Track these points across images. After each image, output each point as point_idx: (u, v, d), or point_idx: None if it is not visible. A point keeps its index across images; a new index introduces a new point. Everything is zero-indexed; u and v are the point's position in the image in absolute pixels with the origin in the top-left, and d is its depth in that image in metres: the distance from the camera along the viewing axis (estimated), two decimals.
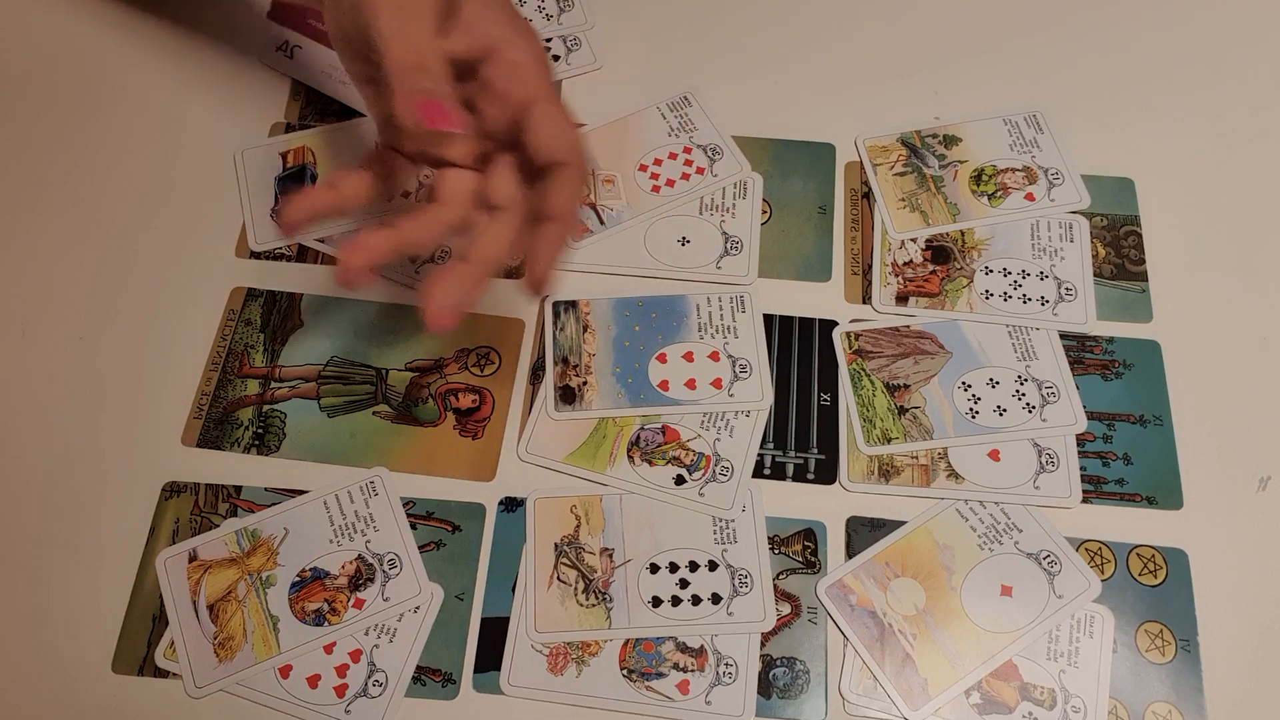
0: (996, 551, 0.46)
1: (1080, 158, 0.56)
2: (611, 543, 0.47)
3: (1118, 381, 0.50)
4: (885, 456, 0.49)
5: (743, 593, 0.46)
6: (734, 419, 0.49)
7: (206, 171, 0.56)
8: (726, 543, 0.47)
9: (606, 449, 0.49)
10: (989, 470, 0.48)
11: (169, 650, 0.45)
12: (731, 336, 0.51)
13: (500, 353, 0.51)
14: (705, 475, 0.48)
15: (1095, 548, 0.47)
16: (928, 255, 0.54)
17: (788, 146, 0.57)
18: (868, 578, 0.46)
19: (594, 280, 0.53)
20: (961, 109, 0.58)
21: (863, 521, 0.47)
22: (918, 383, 0.50)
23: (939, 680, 0.44)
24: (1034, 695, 0.44)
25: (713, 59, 0.60)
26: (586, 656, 0.45)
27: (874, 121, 0.58)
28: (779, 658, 0.45)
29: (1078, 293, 0.52)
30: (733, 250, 0.54)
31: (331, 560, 0.46)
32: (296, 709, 0.44)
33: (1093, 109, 0.58)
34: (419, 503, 0.48)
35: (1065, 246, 0.54)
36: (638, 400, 0.50)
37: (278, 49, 0.60)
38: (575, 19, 0.61)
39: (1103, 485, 0.48)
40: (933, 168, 0.56)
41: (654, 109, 0.58)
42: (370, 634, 0.45)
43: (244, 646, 0.45)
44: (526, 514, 0.47)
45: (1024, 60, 0.60)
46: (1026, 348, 0.51)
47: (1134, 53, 0.60)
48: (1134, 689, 0.44)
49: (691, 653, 0.45)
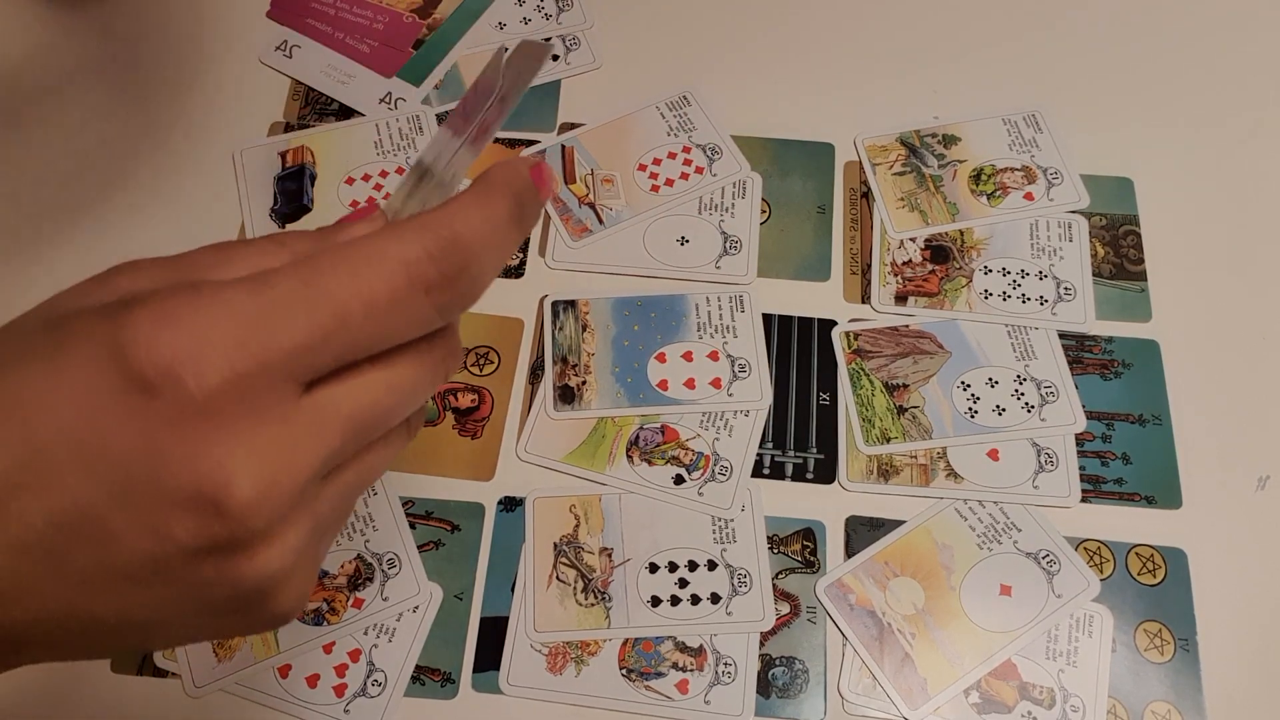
0: (995, 551, 0.46)
1: (1079, 157, 0.56)
2: (611, 542, 0.47)
3: (1117, 381, 0.50)
4: (884, 456, 0.49)
5: (742, 592, 0.46)
6: (733, 418, 0.49)
7: (206, 171, 0.56)
8: (726, 542, 0.47)
9: (605, 448, 0.49)
10: (988, 470, 0.48)
11: (168, 650, 0.45)
12: (730, 336, 0.51)
13: (499, 352, 0.51)
14: (704, 475, 0.48)
15: (1094, 547, 0.47)
16: (927, 255, 0.54)
17: (787, 146, 0.57)
18: (867, 577, 0.46)
19: (593, 280, 0.53)
20: (960, 108, 0.58)
21: (862, 521, 0.47)
22: (917, 382, 0.50)
23: (938, 679, 0.44)
24: (1033, 694, 0.44)
25: (712, 59, 0.60)
26: (586, 656, 0.45)
27: (873, 121, 0.58)
28: (778, 657, 0.45)
29: (1077, 292, 0.52)
30: (732, 250, 0.54)
31: (330, 560, 0.46)
32: (296, 708, 0.44)
33: (1092, 109, 0.58)
34: (418, 502, 0.48)
35: (1064, 246, 0.54)
36: (637, 400, 0.50)
37: (277, 49, 0.60)
38: (574, 18, 0.61)
39: (1102, 485, 0.48)
40: (932, 167, 0.56)
41: (653, 108, 0.58)
42: (369, 633, 0.45)
43: (243, 646, 0.45)
44: (526, 513, 0.47)
45: (1023, 60, 0.60)
46: (1025, 347, 0.51)
47: (1133, 52, 0.60)
48: (1133, 688, 0.44)
49: (691, 652, 0.45)
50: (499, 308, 0.52)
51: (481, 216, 0.25)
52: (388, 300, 0.24)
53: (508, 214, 0.26)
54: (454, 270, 0.25)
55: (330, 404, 0.24)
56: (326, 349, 0.23)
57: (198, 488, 0.22)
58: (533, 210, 0.27)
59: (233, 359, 0.22)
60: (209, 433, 0.22)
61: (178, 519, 0.22)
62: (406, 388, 0.26)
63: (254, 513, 0.22)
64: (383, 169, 0.56)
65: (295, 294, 0.23)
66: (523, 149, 0.57)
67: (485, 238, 0.25)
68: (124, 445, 0.22)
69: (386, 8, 0.62)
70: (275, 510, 0.23)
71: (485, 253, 0.25)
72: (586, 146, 0.57)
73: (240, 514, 0.22)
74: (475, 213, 0.25)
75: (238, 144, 0.57)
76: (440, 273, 0.24)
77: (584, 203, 0.55)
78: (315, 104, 0.59)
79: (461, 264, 0.25)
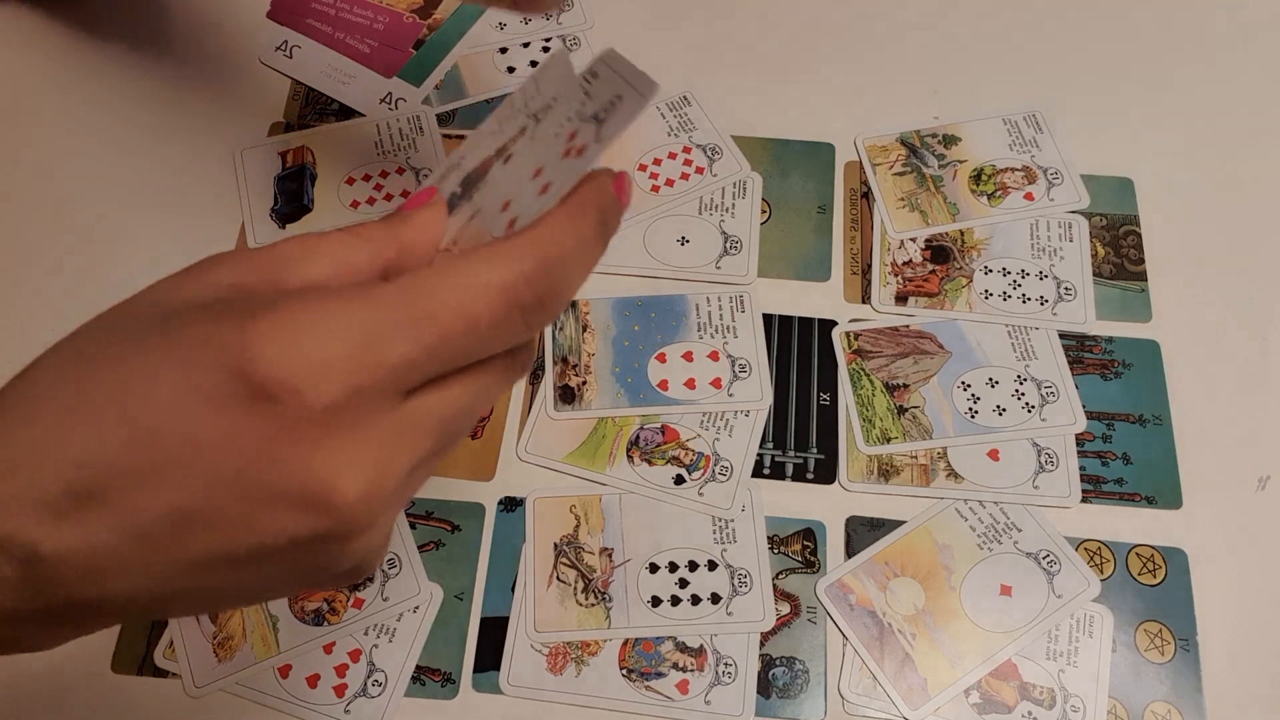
0: (996, 551, 0.46)
1: (1079, 157, 0.56)
2: (611, 542, 0.47)
3: (1117, 381, 0.50)
4: (884, 456, 0.49)
5: (742, 592, 0.46)
6: (733, 418, 0.49)
7: (206, 171, 0.56)
8: (726, 542, 0.47)
9: (606, 449, 0.49)
10: (988, 470, 0.48)
11: (168, 650, 0.45)
12: (731, 336, 0.51)
13: None
14: (705, 475, 0.48)
15: (1094, 547, 0.47)
16: (927, 255, 0.54)
17: (787, 146, 0.57)
18: (867, 577, 0.46)
19: (593, 280, 0.53)
20: (961, 108, 0.58)
21: (862, 521, 0.47)
22: (917, 382, 0.50)
23: (938, 680, 0.44)
24: (1033, 695, 0.44)
25: (712, 59, 0.60)
26: (586, 656, 0.45)
27: (873, 121, 0.58)
28: (778, 657, 0.45)
29: (1077, 292, 0.52)
30: (732, 250, 0.54)
31: None
32: (296, 709, 0.44)
33: (1092, 109, 0.58)
34: (418, 502, 0.48)
35: (1064, 246, 0.54)
36: (637, 400, 0.50)
37: (277, 49, 0.60)
38: (575, 18, 0.61)
39: (1102, 485, 0.48)
40: (932, 167, 0.56)
41: (653, 108, 0.58)
42: (369, 634, 0.45)
43: (243, 646, 0.45)
44: (526, 514, 0.48)
45: (1023, 60, 0.60)
46: (1026, 347, 0.51)
47: (1133, 52, 0.60)
48: (1133, 688, 0.44)
49: (691, 652, 0.45)
50: None
51: (572, 237, 0.27)
52: (488, 323, 0.26)
53: (594, 232, 0.28)
54: (548, 291, 0.26)
55: (426, 411, 0.26)
56: (429, 365, 0.25)
57: (311, 489, 0.24)
58: (615, 223, 0.29)
59: (347, 375, 0.24)
60: (321, 439, 0.24)
61: (290, 517, 0.24)
62: (493, 392, 0.28)
63: (360, 511, 0.24)
64: (383, 169, 0.56)
65: (403, 312, 0.25)
66: None
67: (576, 257, 0.27)
68: (243, 449, 0.23)
69: (387, 8, 0.62)
70: (377, 506, 0.25)
71: (575, 272, 0.27)
72: None
73: (348, 513, 0.24)
74: (567, 234, 0.27)
75: (238, 144, 0.57)
76: (536, 295, 0.26)
77: None
78: (316, 104, 0.59)
79: (554, 285, 0.27)
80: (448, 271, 0.26)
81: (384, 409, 0.25)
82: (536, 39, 0.61)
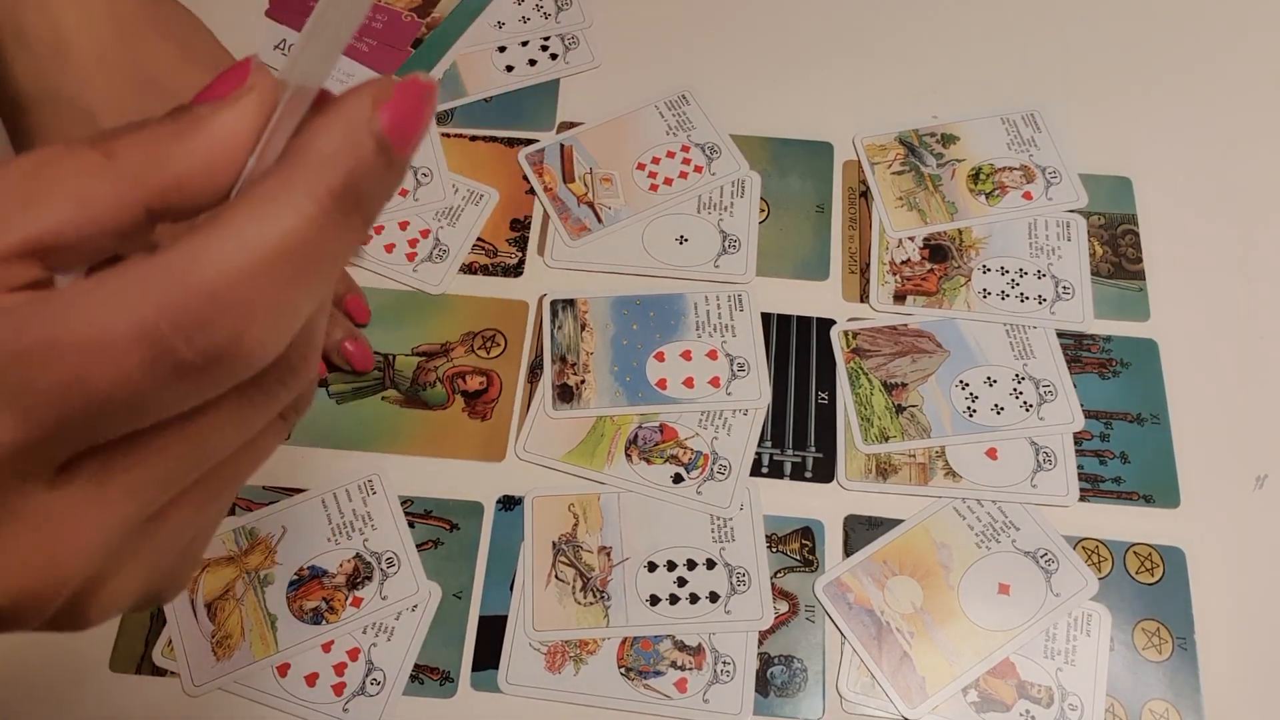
0: (994, 550, 0.47)
1: (1078, 156, 0.56)
2: (609, 541, 0.47)
3: (1115, 380, 0.50)
4: (883, 455, 0.49)
5: (740, 591, 0.46)
6: (732, 417, 0.49)
7: None
8: (724, 541, 0.47)
9: (604, 447, 0.49)
10: (986, 469, 0.48)
11: (167, 649, 0.45)
12: (729, 335, 0.51)
13: (505, 335, 0.51)
14: (703, 474, 0.48)
15: (1092, 546, 0.47)
16: (925, 254, 0.54)
17: (786, 145, 0.57)
18: (865, 576, 0.46)
19: (592, 279, 0.53)
20: (959, 108, 0.58)
21: (860, 520, 0.48)
22: (915, 381, 0.50)
23: (936, 678, 0.44)
24: (1031, 693, 0.44)
25: (711, 58, 0.60)
26: (584, 655, 0.45)
27: (872, 120, 0.58)
28: (777, 656, 0.45)
29: (1075, 291, 0.52)
30: (731, 249, 0.54)
31: (329, 559, 0.46)
32: (294, 707, 0.44)
33: (1091, 108, 0.58)
34: (417, 501, 0.48)
35: (1063, 245, 0.54)
36: (636, 399, 0.50)
37: (276, 47, 0.60)
38: (573, 18, 0.61)
39: (1100, 483, 0.48)
40: (930, 166, 0.56)
41: (652, 108, 0.58)
42: (368, 632, 0.45)
43: (242, 645, 0.45)
44: (524, 512, 0.48)
45: (1022, 59, 0.60)
46: (1024, 346, 0.51)
47: (1132, 52, 0.60)
48: (1131, 687, 0.44)
49: (689, 651, 0.45)
50: (502, 291, 0.52)
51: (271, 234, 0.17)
52: (126, 396, 0.18)
53: (324, 218, 0.18)
54: (216, 342, 0.17)
55: (94, 483, 0.19)
56: (60, 442, 0.18)
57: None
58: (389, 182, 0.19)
59: None
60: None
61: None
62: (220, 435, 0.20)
63: (29, 614, 0.19)
64: None
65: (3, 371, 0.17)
66: (520, 149, 0.57)
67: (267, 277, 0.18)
68: None
69: (385, 6, 0.62)
70: (53, 600, 0.20)
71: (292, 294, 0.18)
72: (585, 145, 0.57)
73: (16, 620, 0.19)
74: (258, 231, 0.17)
75: None
76: (194, 349, 0.17)
77: (583, 202, 0.55)
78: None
79: (229, 328, 0.17)
80: (70, 311, 0.17)
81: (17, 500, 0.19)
82: (535, 38, 0.61)
